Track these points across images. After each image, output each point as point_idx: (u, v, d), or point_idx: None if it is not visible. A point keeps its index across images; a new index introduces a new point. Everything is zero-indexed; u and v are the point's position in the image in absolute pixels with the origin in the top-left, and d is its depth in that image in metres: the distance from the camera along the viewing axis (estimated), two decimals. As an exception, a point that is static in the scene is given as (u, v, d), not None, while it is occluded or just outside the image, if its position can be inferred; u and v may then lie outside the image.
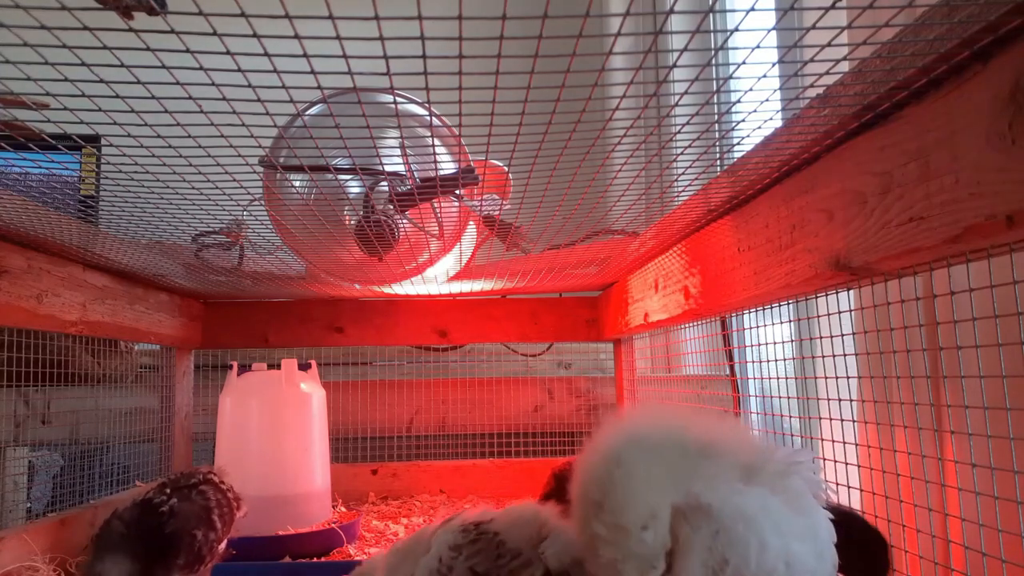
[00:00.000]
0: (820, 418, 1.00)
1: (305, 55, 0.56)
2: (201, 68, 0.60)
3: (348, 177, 1.16)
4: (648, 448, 0.67)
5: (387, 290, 1.76)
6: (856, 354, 0.92)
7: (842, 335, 0.91)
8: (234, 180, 0.92)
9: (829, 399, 0.95)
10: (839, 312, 0.91)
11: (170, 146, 0.79)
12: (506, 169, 1.06)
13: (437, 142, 1.14)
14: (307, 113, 1.06)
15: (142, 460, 1.87)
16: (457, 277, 1.64)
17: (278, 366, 1.59)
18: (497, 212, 1.30)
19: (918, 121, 0.63)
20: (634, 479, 0.64)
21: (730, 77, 1.38)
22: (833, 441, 0.94)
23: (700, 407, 1.49)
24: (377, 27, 0.52)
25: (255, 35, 0.53)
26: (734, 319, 1.38)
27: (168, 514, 1.06)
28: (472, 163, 1.13)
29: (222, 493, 1.17)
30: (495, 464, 2.03)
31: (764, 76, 0.65)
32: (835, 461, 0.94)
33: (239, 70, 0.60)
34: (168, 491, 1.10)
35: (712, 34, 0.83)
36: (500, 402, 2.17)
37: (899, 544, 0.83)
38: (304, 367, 1.65)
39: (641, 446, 0.67)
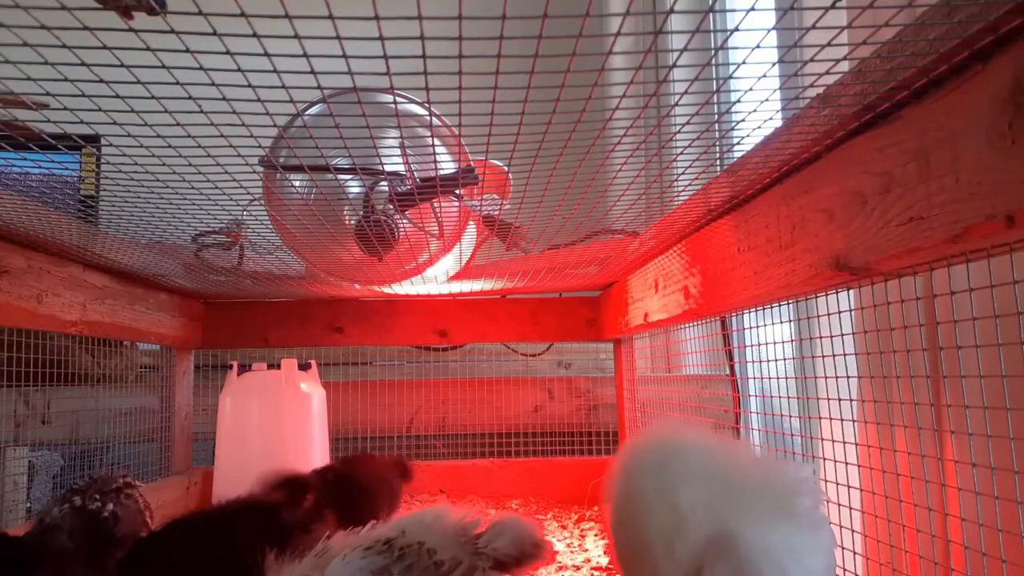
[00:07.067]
0: (820, 418, 1.00)
1: (305, 55, 0.56)
2: (201, 68, 0.60)
3: (348, 177, 1.16)
4: (682, 476, 0.71)
5: (387, 290, 1.76)
6: (856, 354, 0.92)
7: (842, 335, 0.91)
8: (234, 180, 0.92)
9: (829, 399, 0.95)
10: (839, 312, 0.91)
11: (170, 146, 0.79)
12: (506, 169, 1.06)
13: (437, 142, 1.14)
14: (307, 113, 1.06)
15: (142, 460, 1.87)
16: (457, 277, 1.64)
17: (278, 366, 1.59)
18: (497, 212, 1.30)
19: (918, 121, 0.63)
20: (674, 508, 0.68)
21: (730, 77, 1.38)
22: (833, 441, 0.94)
23: (700, 407, 1.49)
24: (377, 27, 0.52)
25: (255, 35, 0.53)
26: (734, 319, 1.38)
27: (112, 519, 1.01)
28: (472, 163, 1.13)
29: (142, 495, 1.12)
30: (495, 464, 2.03)
31: (764, 76, 0.65)
32: (835, 461, 0.94)
33: (239, 70, 0.60)
34: (98, 496, 1.03)
35: (712, 34, 0.83)
36: (500, 402, 2.17)
37: (899, 544, 0.83)
38: (304, 367, 1.65)
39: (675, 473, 0.72)
